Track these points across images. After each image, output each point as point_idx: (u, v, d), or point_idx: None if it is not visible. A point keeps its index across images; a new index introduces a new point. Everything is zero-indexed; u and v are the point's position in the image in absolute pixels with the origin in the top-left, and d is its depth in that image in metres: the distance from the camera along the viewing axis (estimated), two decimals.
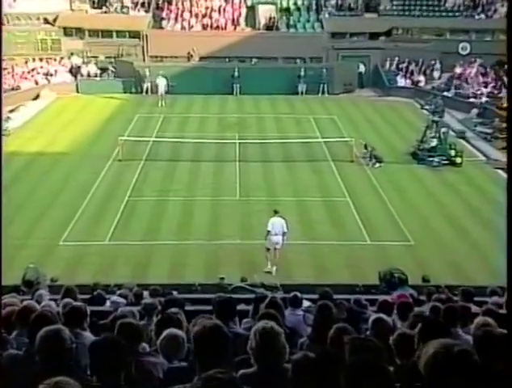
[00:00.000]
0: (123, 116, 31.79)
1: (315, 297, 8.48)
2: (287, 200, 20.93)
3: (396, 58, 39.41)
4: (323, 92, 36.86)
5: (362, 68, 39.07)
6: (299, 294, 7.71)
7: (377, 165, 24.72)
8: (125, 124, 29.88)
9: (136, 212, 20.24)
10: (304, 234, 18.61)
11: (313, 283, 12.65)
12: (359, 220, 19.66)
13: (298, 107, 34.39)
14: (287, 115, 32.45)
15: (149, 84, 35.91)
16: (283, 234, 16.41)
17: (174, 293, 10.13)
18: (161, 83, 34.51)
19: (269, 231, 16.33)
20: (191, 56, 38.34)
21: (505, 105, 28.19)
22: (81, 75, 37.82)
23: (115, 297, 9.69)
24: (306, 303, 8.14)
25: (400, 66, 39.27)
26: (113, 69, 37.97)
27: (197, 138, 26.93)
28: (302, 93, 36.62)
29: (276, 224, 16.43)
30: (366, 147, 25.20)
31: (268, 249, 16.53)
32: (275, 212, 16.92)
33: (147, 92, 36.11)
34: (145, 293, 9.86)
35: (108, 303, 9.36)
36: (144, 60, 38.72)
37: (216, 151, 25.93)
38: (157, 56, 38.88)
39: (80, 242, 18.04)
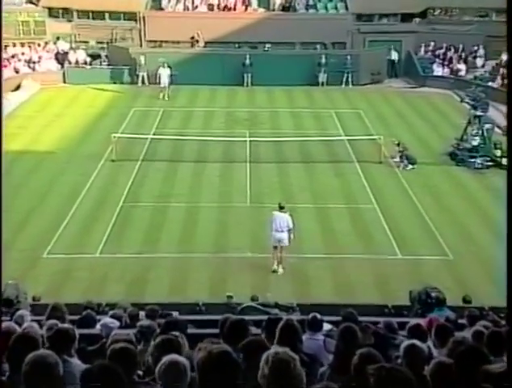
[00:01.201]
0: (117, 110, 31.95)
1: (337, 319, 8.48)
2: (305, 207, 20.95)
3: (433, 43, 39.37)
4: (347, 82, 36.86)
5: (393, 55, 38.98)
6: (319, 316, 7.71)
7: (410, 167, 24.66)
8: (119, 119, 30.06)
9: (131, 221, 20.31)
10: (325, 246, 18.64)
11: (335, 303, 12.64)
12: (389, 230, 19.61)
13: (318, 99, 34.40)
14: (306, 110, 32.45)
15: (145, 73, 35.96)
16: (289, 230, 16.96)
17: (175, 313, 10.15)
18: (164, 73, 34.42)
19: (271, 225, 16.98)
20: (196, 41, 38.48)
21: None
22: (69, 63, 37.98)
23: (106, 319, 9.71)
24: (327, 326, 8.12)
25: (437, 52, 39.20)
26: (105, 56, 38.16)
27: (202, 135, 27.03)
28: (323, 84, 36.62)
29: (278, 219, 17.00)
30: (398, 146, 25.16)
31: (275, 247, 17.12)
32: (281, 207, 17.33)
33: (143, 82, 36.18)
34: (142, 314, 9.87)
35: (98, 326, 9.39)
36: (141, 45, 38.96)
37: (223, 150, 25.99)
38: (156, 41, 39.14)
39: (67, 254, 18.12)
